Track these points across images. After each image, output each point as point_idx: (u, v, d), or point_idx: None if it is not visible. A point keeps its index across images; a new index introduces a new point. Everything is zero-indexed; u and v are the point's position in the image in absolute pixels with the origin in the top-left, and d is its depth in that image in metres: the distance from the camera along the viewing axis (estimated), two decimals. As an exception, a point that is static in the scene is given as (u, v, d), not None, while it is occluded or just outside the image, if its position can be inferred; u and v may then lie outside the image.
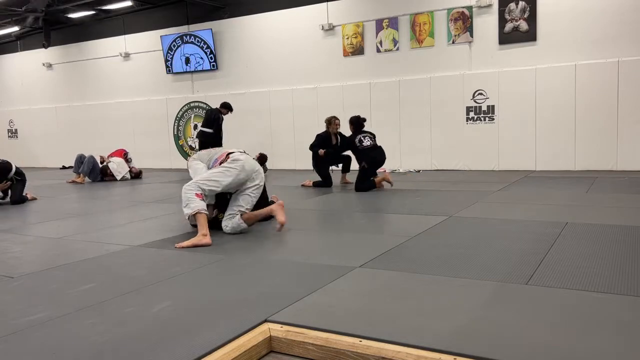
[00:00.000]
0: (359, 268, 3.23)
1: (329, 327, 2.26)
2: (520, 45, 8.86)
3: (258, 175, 4.51)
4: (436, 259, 3.40)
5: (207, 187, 4.27)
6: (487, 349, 2.01)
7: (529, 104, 8.76)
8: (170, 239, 4.34)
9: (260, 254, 3.75)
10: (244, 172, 4.39)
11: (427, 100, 9.54)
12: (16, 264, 3.69)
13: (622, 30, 8.15)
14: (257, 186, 4.50)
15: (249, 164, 4.47)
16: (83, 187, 8.93)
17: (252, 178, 4.45)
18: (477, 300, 2.59)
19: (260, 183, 4.53)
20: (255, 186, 4.48)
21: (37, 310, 2.64)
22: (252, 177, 4.45)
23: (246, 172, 4.40)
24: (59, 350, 2.16)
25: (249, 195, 4.46)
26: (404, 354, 2.03)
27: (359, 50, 10.18)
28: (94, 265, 3.59)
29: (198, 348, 2.11)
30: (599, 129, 8.34)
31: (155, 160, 12.41)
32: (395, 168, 9.66)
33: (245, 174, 4.40)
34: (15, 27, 13.38)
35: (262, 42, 11.18)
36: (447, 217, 4.80)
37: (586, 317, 2.33)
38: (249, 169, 4.43)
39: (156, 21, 12.38)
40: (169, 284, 3.07)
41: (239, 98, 11.11)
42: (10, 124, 15.26)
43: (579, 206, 5.26)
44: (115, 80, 13.22)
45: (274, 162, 10.88)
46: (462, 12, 9.22)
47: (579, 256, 3.31)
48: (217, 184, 4.30)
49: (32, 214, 6.14)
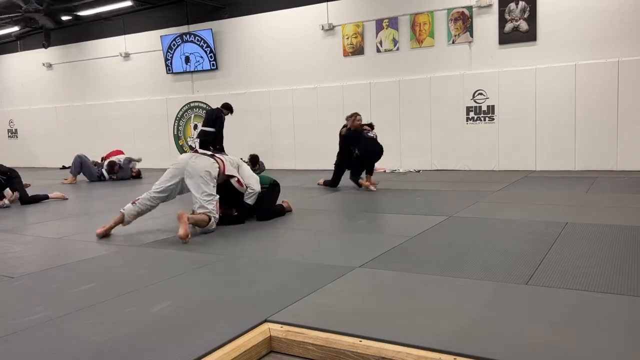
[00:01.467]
0: (359, 268, 3.23)
1: (329, 327, 2.26)
2: (520, 45, 8.86)
3: (192, 168, 4.60)
4: (436, 259, 3.40)
5: (153, 190, 4.68)
6: (487, 349, 2.01)
7: (529, 104, 8.76)
8: (170, 239, 4.34)
9: (260, 254, 3.75)
10: (178, 170, 4.64)
11: (427, 100, 9.54)
12: (16, 264, 3.69)
13: (622, 30, 8.15)
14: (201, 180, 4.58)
15: (182, 162, 4.67)
16: (83, 187, 8.93)
17: (190, 174, 4.56)
18: (477, 300, 2.59)
19: (200, 175, 4.56)
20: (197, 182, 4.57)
21: (37, 310, 2.64)
22: (189, 174, 4.57)
23: (179, 170, 4.63)
24: (59, 350, 2.16)
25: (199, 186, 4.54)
26: (404, 354, 2.03)
27: (359, 50, 10.18)
28: (94, 265, 3.59)
29: (198, 348, 2.11)
30: (599, 129, 8.34)
31: (155, 160, 12.38)
32: (395, 168, 9.66)
33: (179, 171, 4.63)
34: (15, 27, 13.37)
35: (262, 42, 11.18)
36: (447, 217, 4.80)
37: (586, 317, 2.33)
38: (182, 166, 4.63)
39: (156, 21, 12.38)
40: (169, 284, 3.07)
41: (239, 98, 11.11)
42: (10, 124, 15.26)
43: (579, 206, 5.25)
44: (115, 80, 13.22)
45: (273, 162, 10.87)
46: (462, 12, 9.22)
47: (579, 256, 3.31)
48: (158, 185, 4.68)
49: (32, 214, 6.14)
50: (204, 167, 4.58)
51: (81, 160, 9.69)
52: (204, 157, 4.73)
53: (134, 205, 4.61)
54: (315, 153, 10.61)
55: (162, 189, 4.66)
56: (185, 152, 5.64)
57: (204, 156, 4.74)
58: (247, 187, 4.89)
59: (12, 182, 6.92)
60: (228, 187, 4.79)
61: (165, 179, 4.68)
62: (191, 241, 4.21)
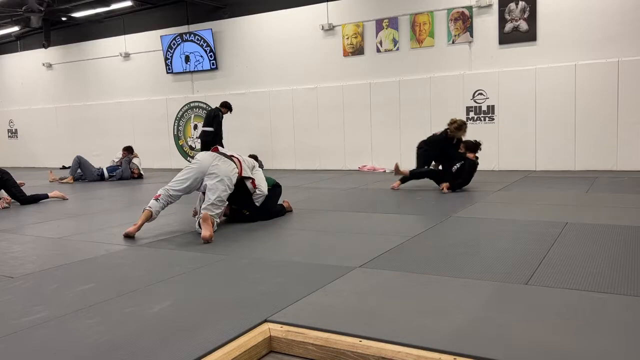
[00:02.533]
0: (359, 268, 3.23)
1: (329, 327, 2.26)
2: (520, 45, 8.86)
3: (215, 171, 4.60)
4: (436, 259, 3.40)
5: (172, 187, 4.65)
6: (487, 349, 2.01)
7: (529, 104, 8.76)
8: (170, 239, 4.35)
9: (260, 254, 3.75)
10: (199, 172, 4.63)
11: (427, 100, 9.54)
12: (16, 264, 3.68)
13: (622, 30, 8.15)
14: (219, 180, 4.59)
15: (205, 162, 4.67)
16: (83, 187, 8.92)
17: (211, 177, 4.57)
18: (477, 300, 2.59)
19: (222, 178, 4.59)
20: (215, 181, 4.58)
21: (37, 310, 2.64)
22: (211, 176, 4.58)
23: (201, 171, 4.62)
24: (59, 350, 2.16)
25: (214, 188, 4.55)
26: (404, 354, 2.03)
27: (359, 50, 10.18)
28: (94, 265, 3.59)
29: (198, 348, 2.11)
30: (599, 129, 8.34)
31: (155, 160, 12.40)
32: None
33: (201, 172, 4.62)
34: (15, 27, 13.37)
35: (262, 42, 11.18)
36: (447, 217, 4.80)
37: (586, 317, 2.33)
38: (204, 168, 4.62)
39: (156, 21, 12.38)
40: (169, 284, 3.07)
41: (239, 98, 11.11)
42: (10, 124, 15.26)
43: (579, 206, 5.25)
44: (115, 80, 13.21)
45: (273, 162, 10.88)
46: (462, 12, 9.22)
47: (579, 256, 3.31)
48: (177, 183, 4.64)
49: (32, 214, 6.14)
50: (227, 173, 4.62)
51: (80, 161, 9.75)
52: (227, 160, 4.75)
53: (157, 202, 4.57)
54: (315, 153, 10.62)
55: (181, 188, 4.64)
56: (192, 152, 5.67)
57: (227, 159, 4.76)
58: (257, 189, 4.96)
59: (6, 185, 6.77)
60: (241, 187, 4.84)
61: (185, 177, 4.66)
62: (191, 241, 4.21)
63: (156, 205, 4.56)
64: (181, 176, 4.69)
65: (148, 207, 4.55)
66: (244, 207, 5.00)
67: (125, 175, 9.88)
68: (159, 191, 4.65)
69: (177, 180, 4.68)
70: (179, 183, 4.66)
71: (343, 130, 10.36)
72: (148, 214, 4.52)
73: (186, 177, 4.66)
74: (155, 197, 4.60)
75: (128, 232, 4.44)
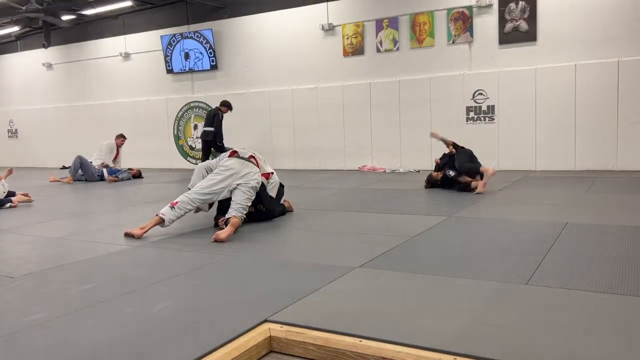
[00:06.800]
0: (359, 268, 3.23)
1: (329, 327, 2.26)
2: (520, 45, 8.86)
3: (246, 179, 4.60)
4: (436, 259, 3.40)
5: (198, 192, 4.53)
6: (487, 349, 2.01)
7: (529, 104, 8.76)
8: (170, 239, 4.34)
9: (260, 254, 3.75)
10: (230, 178, 4.57)
11: (427, 100, 9.54)
12: (16, 264, 3.68)
13: (622, 30, 8.15)
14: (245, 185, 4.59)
15: (236, 169, 4.63)
16: (83, 188, 8.92)
17: (241, 183, 4.57)
18: (477, 300, 2.59)
19: (253, 185, 4.61)
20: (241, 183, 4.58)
21: (37, 310, 2.64)
22: (241, 181, 4.58)
23: (232, 177, 4.59)
24: (59, 351, 2.16)
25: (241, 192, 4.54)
26: (404, 354, 2.03)
27: (359, 50, 10.18)
28: (94, 265, 3.59)
29: (198, 348, 2.11)
30: (599, 129, 8.34)
31: (155, 160, 12.40)
32: (395, 168, 9.66)
33: (231, 178, 4.58)
34: (15, 27, 13.36)
35: (262, 42, 11.18)
36: (447, 217, 4.80)
37: (586, 317, 2.33)
38: (233, 174, 4.60)
39: (156, 21, 12.38)
40: (169, 284, 3.07)
41: (239, 98, 11.11)
42: (10, 124, 15.26)
43: (579, 206, 5.26)
44: (115, 80, 13.21)
45: (274, 162, 10.84)
46: (462, 12, 9.22)
47: (579, 256, 3.31)
48: (205, 188, 4.53)
49: (32, 214, 6.14)
50: (257, 179, 4.65)
51: (81, 161, 9.73)
52: (254, 167, 4.76)
53: (172, 210, 4.40)
54: (315, 153, 10.62)
55: (208, 197, 4.54)
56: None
57: (253, 166, 4.77)
58: (270, 179, 5.03)
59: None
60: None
61: (214, 181, 4.53)
62: (191, 241, 4.21)
63: (170, 214, 4.39)
64: (209, 184, 4.52)
65: (160, 213, 4.39)
66: (260, 202, 4.90)
67: (125, 175, 9.85)
68: (177, 198, 4.46)
69: (204, 187, 4.51)
70: (206, 191, 4.50)
71: (343, 130, 10.36)
72: (158, 220, 4.38)
73: (214, 180, 4.53)
74: (172, 205, 4.42)
75: (133, 235, 4.33)
